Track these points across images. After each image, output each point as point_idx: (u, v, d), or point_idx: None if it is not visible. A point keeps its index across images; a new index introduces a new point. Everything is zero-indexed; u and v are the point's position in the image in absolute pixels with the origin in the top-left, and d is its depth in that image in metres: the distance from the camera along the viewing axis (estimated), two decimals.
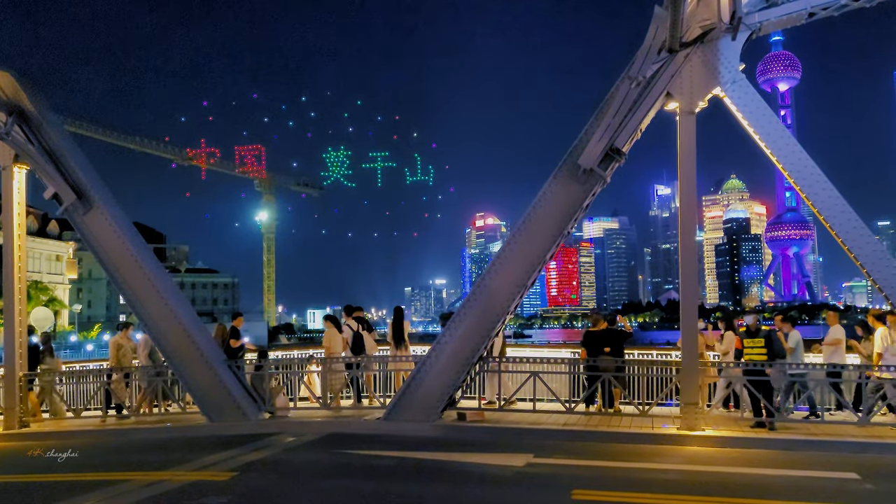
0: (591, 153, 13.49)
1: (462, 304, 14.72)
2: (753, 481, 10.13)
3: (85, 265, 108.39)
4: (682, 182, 13.68)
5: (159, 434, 15.38)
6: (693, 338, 13.44)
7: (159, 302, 15.31)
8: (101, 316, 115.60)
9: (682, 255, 13.94)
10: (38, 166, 15.49)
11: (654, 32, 12.94)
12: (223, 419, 14.94)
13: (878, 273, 12.74)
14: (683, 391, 13.35)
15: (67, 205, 15.45)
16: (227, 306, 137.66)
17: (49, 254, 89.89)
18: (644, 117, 13.58)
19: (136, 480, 10.38)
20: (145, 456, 12.84)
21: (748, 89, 13.38)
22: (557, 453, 11.97)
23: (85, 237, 15.79)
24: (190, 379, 15.25)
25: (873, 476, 10.15)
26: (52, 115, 16.06)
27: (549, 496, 9.30)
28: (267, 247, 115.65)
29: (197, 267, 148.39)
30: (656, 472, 10.56)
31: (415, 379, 14.39)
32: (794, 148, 13.25)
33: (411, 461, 11.63)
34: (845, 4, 12.94)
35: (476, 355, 14.28)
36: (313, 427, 14.70)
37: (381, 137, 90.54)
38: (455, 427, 14.12)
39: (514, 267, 14.23)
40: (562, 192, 14.03)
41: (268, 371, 15.74)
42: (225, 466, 11.24)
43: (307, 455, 12.44)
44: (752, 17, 13.37)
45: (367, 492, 9.71)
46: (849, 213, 12.90)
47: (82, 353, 55.32)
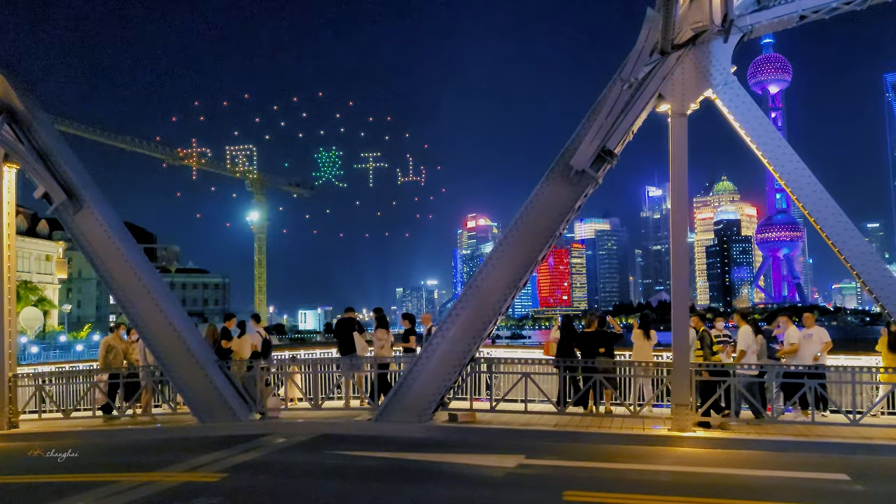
0: (583, 154, 13.51)
1: (454, 305, 14.72)
2: (744, 482, 10.16)
3: (75, 265, 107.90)
4: (673, 183, 13.71)
5: (149, 435, 15.32)
6: (684, 339, 13.45)
7: (149, 302, 15.24)
8: (91, 316, 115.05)
9: (673, 257, 13.96)
10: (27, 165, 15.39)
11: (646, 34, 12.95)
12: (214, 420, 14.88)
13: (867, 275, 12.81)
14: (674, 392, 13.37)
15: (57, 204, 15.36)
16: (218, 307, 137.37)
17: (39, 253, 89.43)
18: (636, 119, 13.62)
19: (125, 481, 10.32)
20: (135, 457, 12.79)
21: (739, 91, 13.42)
22: (549, 454, 11.98)
23: (75, 237, 15.71)
24: (180, 380, 15.19)
25: (863, 477, 10.20)
26: (42, 114, 15.97)
27: (541, 497, 9.30)
28: (258, 247, 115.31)
29: (188, 267, 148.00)
30: (647, 474, 10.57)
31: (406, 380, 14.37)
32: (784, 150, 13.30)
33: (402, 462, 11.61)
34: (836, 8, 13.02)
35: (468, 356, 14.27)
36: (304, 428, 14.66)
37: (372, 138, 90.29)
38: (446, 428, 14.10)
39: (506, 268, 14.23)
40: (554, 193, 14.04)
41: (258, 372, 15.68)
42: (216, 467, 11.20)
43: (298, 456, 12.40)
44: (743, 19, 13.43)
45: (358, 493, 9.70)
46: (838, 215, 12.96)
47: (72, 354, 55.01)
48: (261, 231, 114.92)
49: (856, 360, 16.12)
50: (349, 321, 17.26)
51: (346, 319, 17.42)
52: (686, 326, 13.63)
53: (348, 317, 17.55)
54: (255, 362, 15.97)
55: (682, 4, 13.23)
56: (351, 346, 16.75)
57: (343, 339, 16.91)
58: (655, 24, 12.76)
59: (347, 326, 17.08)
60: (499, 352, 20.99)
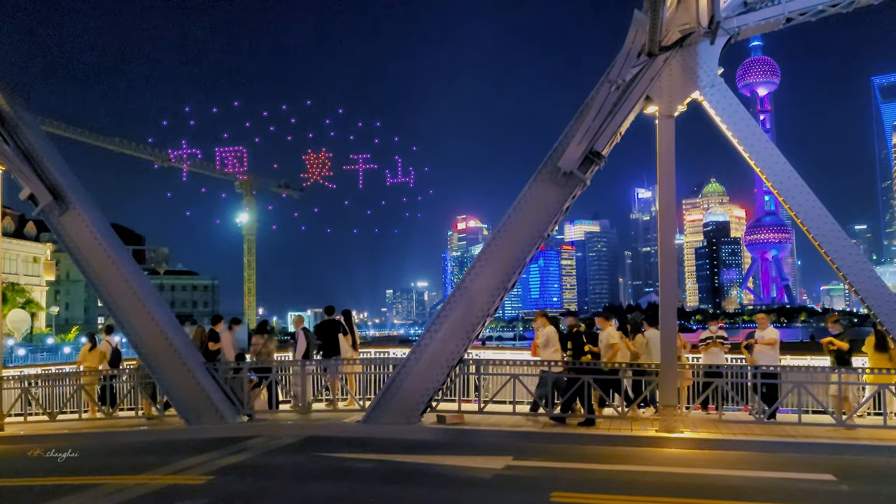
0: (571, 156, 13.52)
1: (443, 307, 14.71)
2: (731, 483, 10.18)
3: (62, 267, 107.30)
4: (661, 185, 13.75)
5: (135, 437, 15.22)
6: (672, 340, 13.48)
7: (137, 304, 15.15)
8: (78, 318, 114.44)
9: (661, 258, 13.99)
10: (13, 167, 15.27)
11: (633, 36, 13.00)
12: (201, 422, 14.80)
13: (854, 276, 12.88)
14: (662, 393, 13.40)
15: (43, 206, 15.24)
16: (207, 308, 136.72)
17: (26, 255, 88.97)
18: (624, 121, 13.64)
19: (111, 484, 10.25)
20: (121, 459, 12.71)
21: (727, 93, 13.48)
22: (537, 456, 11.98)
23: (61, 238, 15.61)
24: (167, 382, 15.11)
25: (849, 478, 10.24)
26: (28, 114, 15.85)
27: (529, 498, 9.29)
28: (247, 248, 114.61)
29: (176, 269, 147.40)
30: (635, 475, 10.58)
31: (395, 381, 14.34)
32: (771, 152, 13.36)
33: (390, 464, 11.58)
34: (822, 10, 13.09)
35: (456, 358, 14.25)
36: (292, 430, 14.61)
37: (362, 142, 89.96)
38: (435, 429, 14.08)
39: (495, 269, 14.22)
40: (542, 194, 14.05)
41: (246, 374, 15.61)
42: (202, 470, 11.13)
43: (285, 458, 12.35)
44: (730, 21, 13.48)
45: (346, 495, 9.66)
46: (826, 217, 13.03)
47: (59, 356, 54.59)
48: (250, 233, 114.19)
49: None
50: (334, 323, 17.20)
51: (330, 321, 17.32)
52: (675, 328, 13.66)
53: (333, 319, 17.45)
54: (244, 364, 15.92)
55: (669, 6, 13.27)
56: (336, 348, 16.71)
57: (328, 342, 16.86)
58: (643, 25, 12.80)
59: (332, 328, 17.04)
60: (487, 353, 20.99)
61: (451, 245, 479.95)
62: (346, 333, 17.22)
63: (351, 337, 17.25)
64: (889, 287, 13.24)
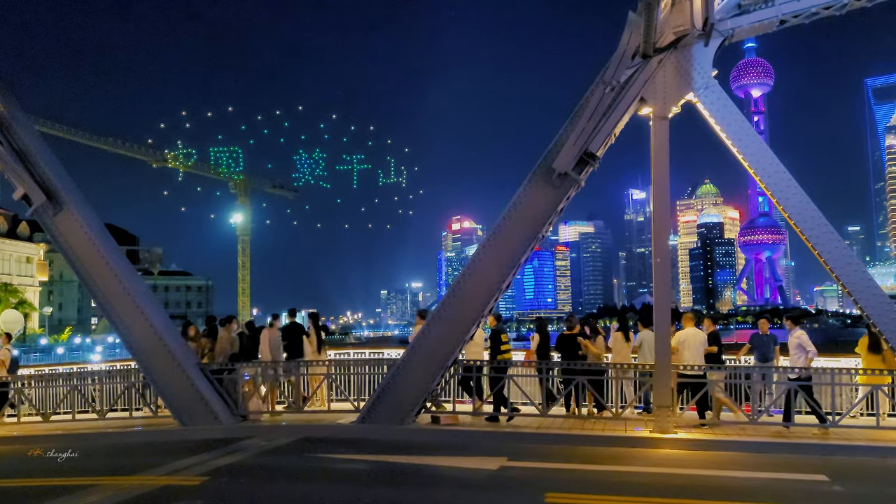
0: (565, 157, 13.54)
1: (437, 308, 14.71)
2: (725, 484, 10.21)
3: (56, 267, 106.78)
4: (655, 186, 13.77)
5: (130, 438, 15.19)
6: (666, 341, 13.51)
7: (130, 305, 15.10)
8: (72, 318, 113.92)
9: (655, 259, 14.02)
10: (6, 166, 15.19)
11: (627, 38, 13.03)
12: (195, 423, 14.77)
13: (846, 277, 12.92)
14: (656, 394, 13.42)
15: (37, 206, 15.17)
16: (201, 309, 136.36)
17: (19, 255, 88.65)
18: (618, 122, 13.66)
19: (105, 485, 10.22)
20: (116, 460, 12.69)
21: (721, 95, 13.52)
22: (531, 456, 12.00)
23: (55, 239, 15.54)
24: (161, 382, 15.07)
25: (842, 478, 10.28)
26: (21, 114, 15.77)
27: (523, 499, 9.31)
28: (242, 249, 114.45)
29: (170, 269, 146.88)
30: (629, 475, 10.61)
31: (390, 382, 14.33)
32: (765, 153, 13.40)
33: (385, 465, 11.57)
34: (815, 13, 13.14)
35: (451, 358, 14.26)
36: (287, 431, 14.60)
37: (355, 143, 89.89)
38: (429, 430, 14.09)
39: (489, 270, 14.23)
40: (536, 195, 14.06)
41: (241, 374, 15.58)
42: (197, 471, 11.11)
43: (280, 459, 12.34)
44: (724, 23, 13.51)
45: (340, 496, 9.66)
46: (819, 218, 13.08)
47: (53, 357, 54.44)
48: (244, 233, 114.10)
49: (835, 361, 16.21)
50: (296, 326, 17.27)
51: (293, 324, 17.32)
52: (668, 328, 13.70)
53: (295, 322, 17.43)
54: (238, 365, 15.88)
55: (663, 8, 13.30)
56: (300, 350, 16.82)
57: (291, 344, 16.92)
58: (637, 27, 12.83)
59: (296, 331, 17.12)
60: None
61: (445, 246, 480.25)
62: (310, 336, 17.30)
63: (316, 339, 17.24)
64: (882, 288, 13.30)
